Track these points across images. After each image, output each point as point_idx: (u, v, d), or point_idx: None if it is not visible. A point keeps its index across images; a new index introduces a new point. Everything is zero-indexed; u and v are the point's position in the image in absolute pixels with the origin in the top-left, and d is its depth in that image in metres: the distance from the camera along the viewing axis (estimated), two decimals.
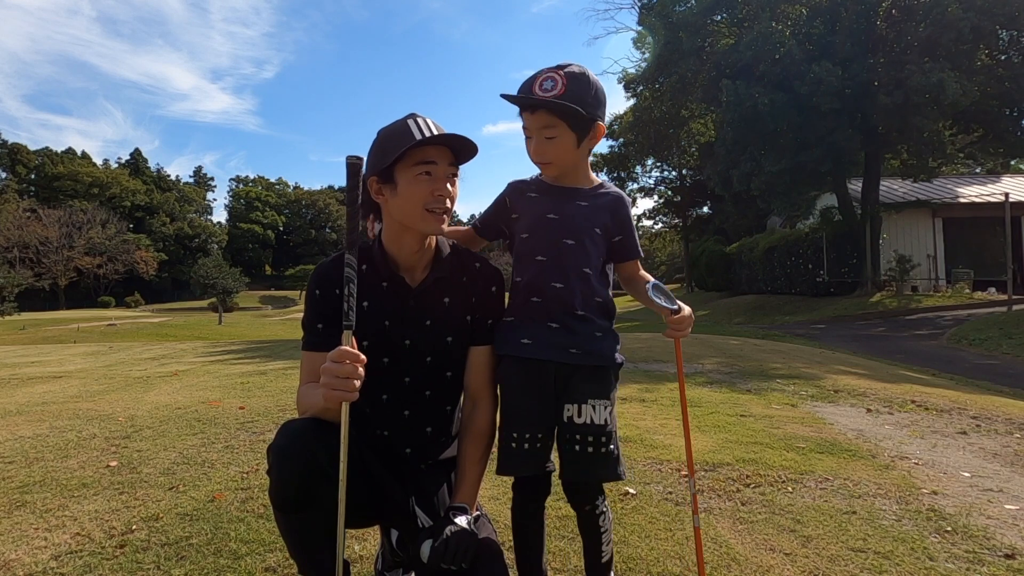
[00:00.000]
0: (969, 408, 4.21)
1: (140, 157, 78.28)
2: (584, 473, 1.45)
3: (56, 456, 3.12)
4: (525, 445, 1.43)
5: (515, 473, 1.47)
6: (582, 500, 1.50)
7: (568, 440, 1.45)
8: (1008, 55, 16.82)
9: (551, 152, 1.47)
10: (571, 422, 1.44)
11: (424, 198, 1.34)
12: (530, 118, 1.46)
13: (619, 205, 1.54)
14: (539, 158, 1.49)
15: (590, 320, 1.49)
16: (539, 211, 1.52)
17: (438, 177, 1.35)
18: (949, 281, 18.75)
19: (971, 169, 28.36)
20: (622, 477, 1.48)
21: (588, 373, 1.46)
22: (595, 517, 1.50)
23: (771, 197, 18.75)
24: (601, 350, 1.48)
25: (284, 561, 1.86)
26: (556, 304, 1.47)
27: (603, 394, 1.46)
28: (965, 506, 2.33)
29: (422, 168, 1.34)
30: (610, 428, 1.45)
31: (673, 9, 20.45)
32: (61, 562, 1.92)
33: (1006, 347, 9.47)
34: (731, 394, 4.63)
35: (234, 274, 51.53)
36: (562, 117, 1.43)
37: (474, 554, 1.25)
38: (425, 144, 1.32)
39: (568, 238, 1.48)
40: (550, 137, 1.46)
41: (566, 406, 1.45)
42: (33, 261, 50.53)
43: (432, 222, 1.37)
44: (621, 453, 1.49)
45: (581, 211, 1.50)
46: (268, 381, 5.50)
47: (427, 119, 1.37)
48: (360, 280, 1.42)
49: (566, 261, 1.48)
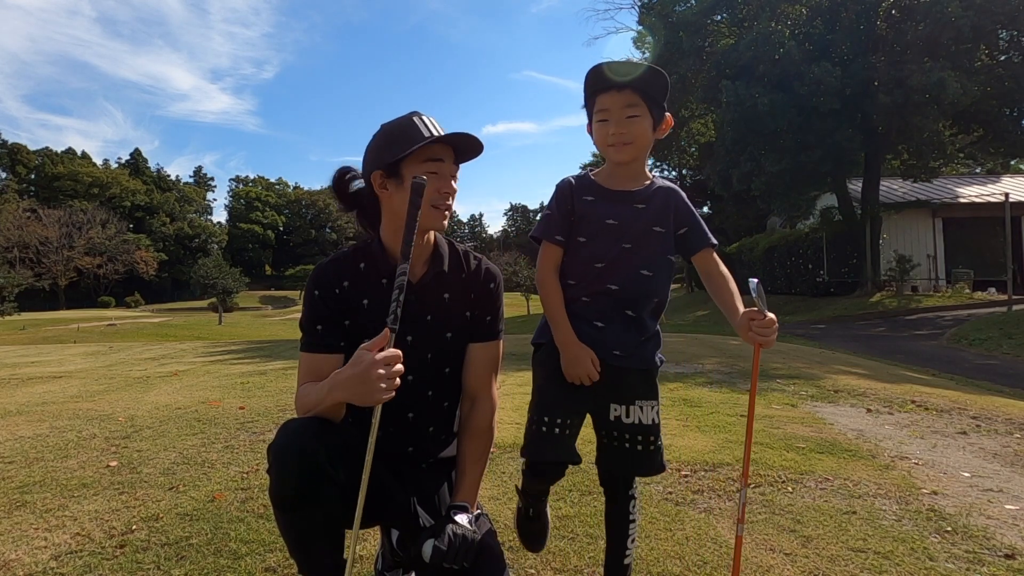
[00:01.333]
0: (969, 408, 4.21)
1: (140, 157, 78.19)
2: (631, 468, 1.53)
3: (56, 456, 3.12)
4: (556, 430, 1.44)
5: (540, 458, 1.47)
6: (620, 486, 1.56)
7: (616, 438, 1.50)
8: (1008, 55, 16.83)
9: (634, 130, 1.45)
10: (619, 421, 1.49)
11: (430, 195, 1.35)
12: (615, 96, 1.44)
13: (676, 197, 1.53)
14: (620, 139, 1.46)
15: (640, 322, 1.50)
16: (598, 216, 1.50)
17: (444, 175, 1.38)
18: (949, 281, 18.76)
19: (971, 169, 28.36)
20: (665, 468, 1.55)
21: (634, 376, 1.49)
22: (627, 500, 1.55)
23: (771, 197, 18.76)
24: (644, 354, 1.50)
25: (284, 561, 1.86)
26: (609, 304, 1.48)
27: (650, 395, 1.51)
28: (965, 506, 2.33)
29: (431, 166, 1.36)
30: (658, 425, 1.51)
31: (673, 9, 20.46)
32: (61, 562, 1.92)
33: (1006, 347, 9.47)
34: (731, 394, 4.63)
35: (234, 274, 51.48)
36: (645, 98, 1.45)
37: (475, 553, 1.25)
38: (434, 142, 1.34)
39: (626, 242, 1.48)
40: (632, 116, 1.45)
41: (612, 406, 1.49)
42: (33, 261, 50.53)
43: (437, 218, 1.39)
44: (664, 445, 1.56)
45: (639, 214, 1.49)
46: (268, 381, 5.50)
47: (430, 117, 1.39)
48: (360, 278, 1.43)
49: (623, 264, 1.48)
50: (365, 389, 1.17)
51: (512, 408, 4.07)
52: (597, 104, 1.47)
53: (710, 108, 22.36)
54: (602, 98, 1.46)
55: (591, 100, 1.49)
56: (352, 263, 1.44)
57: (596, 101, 1.47)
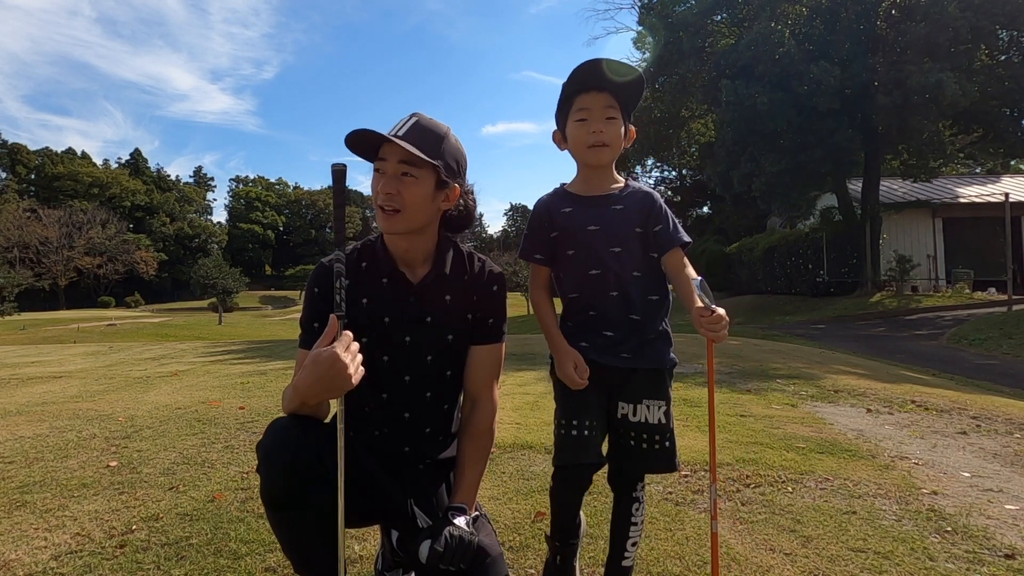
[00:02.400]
0: (969, 408, 4.21)
1: (140, 157, 78.15)
2: (636, 466, 1.54)
3: (56, 456, 3.12)
4: (575, 432, 1.47)
5: (571, 461, 1.49)
6: (625, 485, 1.57)
7: (623, 435, 1.53)
8: (1008, 55, 16.82)
9: (612, 132, 1.49)
10: (625, 419, 1.52)
11: (376, 196, 1.37)
12: (597, 97, 1.47)
13: (651, 199, 1.57)
14: (599, 138, 1.49)
15: (646, 323, 1.52)
16: (579, 224, 1.53)
17: (383, 175, 1.36)
18: (949, 281, 18.75)
19: (971, 169, 28.34)
20: (676, 468, 1.56)
21: (643, 375, 1.52)
22: (632, 502, 1.56)
23: (771, 197, 18.74)
24: (654, 353, 1.53)
25: (284, 561, 1.86)
26: (613, 313, 1.51)
27: (658, 395, 1.53)
28: (965, 506, 2.33)
29: (377, 165, 1.37)
30: (666, 425, 1.53)
31: (673, 9, 20.45)
32: (61, 562, 1.92)
33: (1006, 347, 9.47)
34: (731, 394, 4.63)
35: (234, 274, 51.43)
36: (621, 104, 1.49)
37: (473, 555, 1.25)
38: (350, 147, 1.36)
39: (614, 246, 1.51)
40: (611, 117, 1.48)
41: (620, 404, 1.52)
42: (33, 261, 50.51)
43: (380, 219, 1.38)
44: (676, 446, 1.56)
45: (619, 216, 1.52)
46: (268, 381, 5.50)
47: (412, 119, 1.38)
48: (360, 277, 1.43)
49: (617, 269, 1.51)
50: (337, 383, 1.17)
51: (512, 408, 4.07)
52: (577, 104, 1.50)
53: (710, 108, 22.36)
54: (583, 98, 1.49)
55: (570, 101, 1.52)
56: (355, 261, 1.44)
57: (576, 101, 1.50)
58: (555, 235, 1.57)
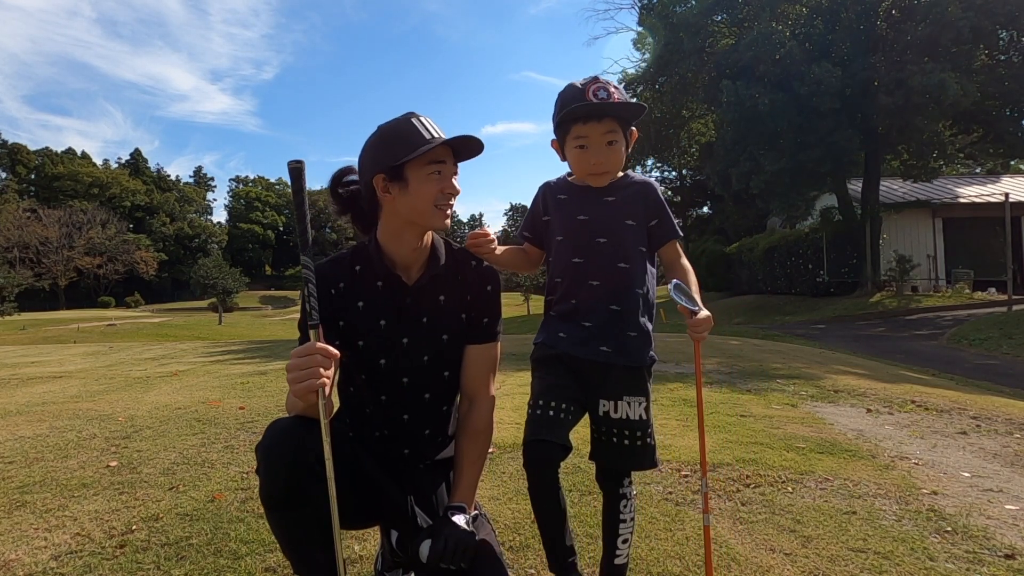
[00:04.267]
0: (969, 408, 4.21)
1: (140, 157, 78.14)
2: (620, 463, 1.54)
3: (56, 456, 3.12)
4: (550, 412, 1.46)
5: (537, 436, 1.46)
6: (611, 482, 1.57)
7: (605, 432, 1.52)
8: (1008, 55, 16.82)
9: (613, 159, 1.51)
10: (607, 416, 1.51)
11: (435, 195, 1.37)
12: (595, 126, 1.47)
13: (648, 191, 1.56)
14: (601, 168, 1.51)
15: (625, 316, 1.51)
16: (569, 213, 1.55)
17: (446, 176, 1.39)
18: (949, 281, 18.75)
19: (971, 169, 28.33)
20: (656, 465, 1.56)
21: (622, 372, 1.51)
22: (619, 499, 1.55)
23: (771, 197, 18.76)
24: (633, 350, 1.52)
25: (284, 561, 1.85)
26: (593, 301, 1.51)
27: (637, 391, 1.52)
28: (965, 506, 2.33)
29: (434, 167, 1.37)
30: (646, 422, 1.52)
31: (673, 9, 20.46)
32: (61, 562, 1.92)
33: (1006, 347, 9.47)
34: (731, 394, 4.63)
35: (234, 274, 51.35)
36: (622, 123, 1.49)
37: (473, 554, 1.25)
38: (438, 146, 1.36)
39: (600, 236, 1.51)
40: (612, 142, 1.49)
41: (601, 401, 1.51)
42: (33, 261, 50.56)
43: (441, 218, 1.40)
44: (656, 443, 1.56)
45: (610, 207, 1.53)
46: (268, 381, 5.50)
47: (427, 118, 1.40)
48: (355, 280, 1.43)
49: (601, 260, 1.51)
50: (298, 392, 1.17)
51: (512, 408, 4.06)
52: (574, 132, 1.50)
53: (710, 108, 22.37)
54: (580, 127, 1.48)
55: (566, 127, 1.51)
56: (348, 265, 1.45)
57: (573, 129, 1.50)
58: (547, 219, 1.60)
